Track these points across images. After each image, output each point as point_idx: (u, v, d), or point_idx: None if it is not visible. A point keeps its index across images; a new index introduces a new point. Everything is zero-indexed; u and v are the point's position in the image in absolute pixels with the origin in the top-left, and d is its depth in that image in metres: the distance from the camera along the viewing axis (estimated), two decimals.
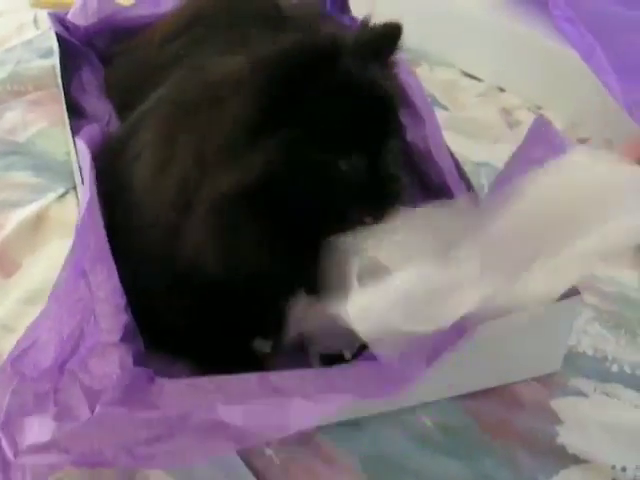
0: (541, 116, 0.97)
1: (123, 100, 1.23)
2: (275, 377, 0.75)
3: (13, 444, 0.70)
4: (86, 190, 0.86)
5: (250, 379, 0.74)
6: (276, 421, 0.70)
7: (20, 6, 1.77)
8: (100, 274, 0.79)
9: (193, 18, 1.20)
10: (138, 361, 0.75)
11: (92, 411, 0.70)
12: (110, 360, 0.73)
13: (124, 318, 0.77)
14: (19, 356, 0.76)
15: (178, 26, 1.21)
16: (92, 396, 0.71)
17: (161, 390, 0.73)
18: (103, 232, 0.82)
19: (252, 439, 0.71)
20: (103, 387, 0.72)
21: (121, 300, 0.78)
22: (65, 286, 0.79)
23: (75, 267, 0.80)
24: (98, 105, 1.29)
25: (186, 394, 0.73)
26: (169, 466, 0.78)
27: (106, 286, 0.78)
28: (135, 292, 0.80)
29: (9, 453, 0.70)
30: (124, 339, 0.75)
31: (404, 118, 1.16)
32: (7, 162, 1.27)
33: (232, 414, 0.70)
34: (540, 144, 0.91)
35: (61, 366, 0.74)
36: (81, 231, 0.82)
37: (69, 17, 1.40)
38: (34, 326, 0.78)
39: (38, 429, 0.70)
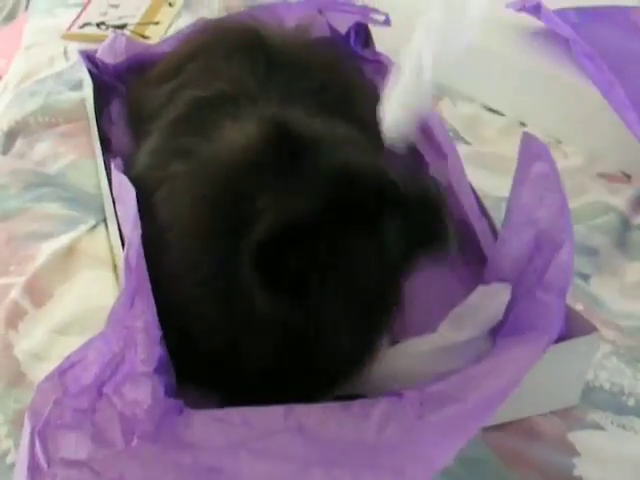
0: (526, 132, 0.99)
1: (133, 134, 1.26)
2: (301, 410, 0.76)
3: (46, 452, 0.72)
4: (132, 225, 0.89)
5: (276, 412, 0.76)
6: None
7: (51, 38, 1.79)
8: (139, 306, 0.81)
9: (189, 56, 1.21)
10: (169, 393, 0.78)
11: (125, 438, 0.73)
12: (142, 389, 0.76)
13: (159, 351, 0.79)
14: (66, 370, 0.78)
15: (176, 64, 1.23)
16: (125, 423, 0.74)
17: (189, 422, 0.75)
18: (144, 266, 0.84)
19: None
20: (134, 414, 0.74)
21: (157, 333, 0.80)
22: (118, 312, 0.81)
23: (127, 295, 0.82)
24: (124, 138, 1.31)
25: (213, 428, 0.74)
26: None
27: (144, 318, 0.80)
28: (167, 324, 0.82)
29: (42, 460, 0.72)
30: (157, 370, 0.77)
31: (427, 153, 1.20)
32: (38, 194, 1.29)
33: (257, 469, 0.72)
34: (535, 160, 0.94)
35: (99, 388, 0.77)
36: (128, 263, 0.85)
37: (98, 55, 1.43)
38: (87, 344, 0.80)
39: (74, 445, 0.73)
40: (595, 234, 1.22)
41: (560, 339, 0.87)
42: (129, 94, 1.37)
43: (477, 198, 1.14)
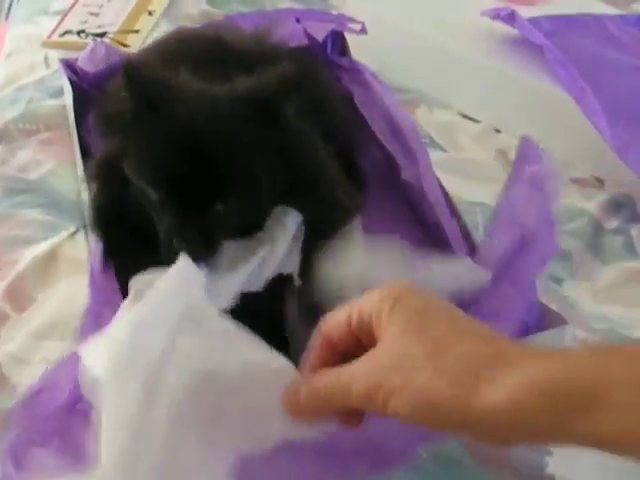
0: (527, 137, 1.00)
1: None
2: None
3: (21, 472, 0.73)
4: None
5: None
6: None
7: (31, 46, 1.80)
8: (108, 319, 0.81)
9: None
10: None
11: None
12: None
13: None
14: (32, 399, 0.80)
15: None
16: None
17: None
18: (113, 278, 0.85)
19: None
20: None
21: None
22: (86, 329, 0.82)
23: (92, 314, 0.83)
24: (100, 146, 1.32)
25: None
26: None
27: None
28: None
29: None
30: None
31: (400, 158, 1.21)
32: (19, 200, 1.30)
33: None
34: (529, 163, 0.95)
35: (73, 405, 0.78)
36: (93, 279, 0.86)
37: (78, 63, 1.43)
38: (52, 370, 0.82)
39: (46, 463, 0.74)
40: (568, 238, 1.24)
41: (531, 332, 0.89)
42: (97, 111, 1.37)
43: (447, 197, 1.15)
